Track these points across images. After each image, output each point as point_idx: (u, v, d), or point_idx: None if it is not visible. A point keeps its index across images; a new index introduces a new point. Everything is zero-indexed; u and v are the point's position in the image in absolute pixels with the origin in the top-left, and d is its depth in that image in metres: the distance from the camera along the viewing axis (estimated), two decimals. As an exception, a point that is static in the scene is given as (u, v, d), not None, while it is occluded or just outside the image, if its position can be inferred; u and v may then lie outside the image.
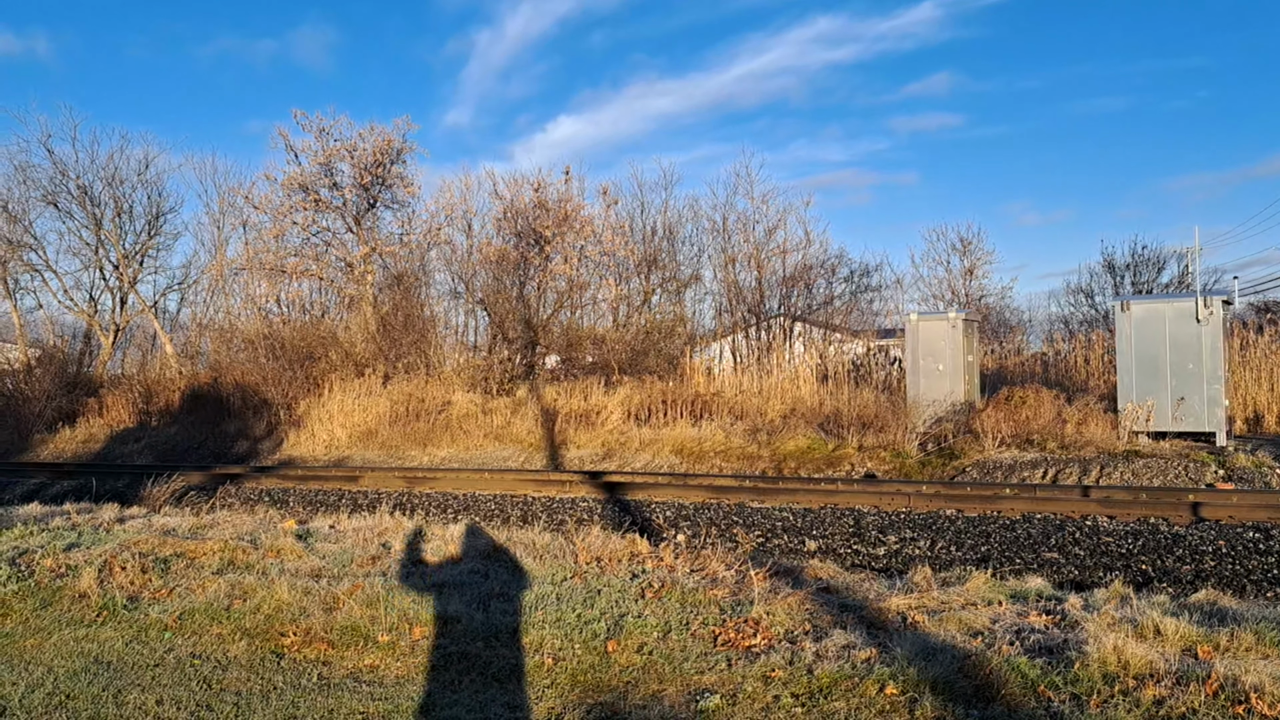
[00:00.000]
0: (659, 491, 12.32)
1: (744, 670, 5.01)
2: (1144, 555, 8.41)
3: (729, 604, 5.96)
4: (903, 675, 4.60)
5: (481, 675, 5.25)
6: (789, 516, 10.60)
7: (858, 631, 5.33)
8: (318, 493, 13.48)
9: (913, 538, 9.57)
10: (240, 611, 6.35)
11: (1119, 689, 4.20)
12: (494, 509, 11.92)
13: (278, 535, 8.24)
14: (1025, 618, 5.37)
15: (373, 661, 5.58)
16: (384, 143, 26.30)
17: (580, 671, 5.25)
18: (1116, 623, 5.01)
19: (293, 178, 26.55)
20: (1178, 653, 4.58)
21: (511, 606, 6.05)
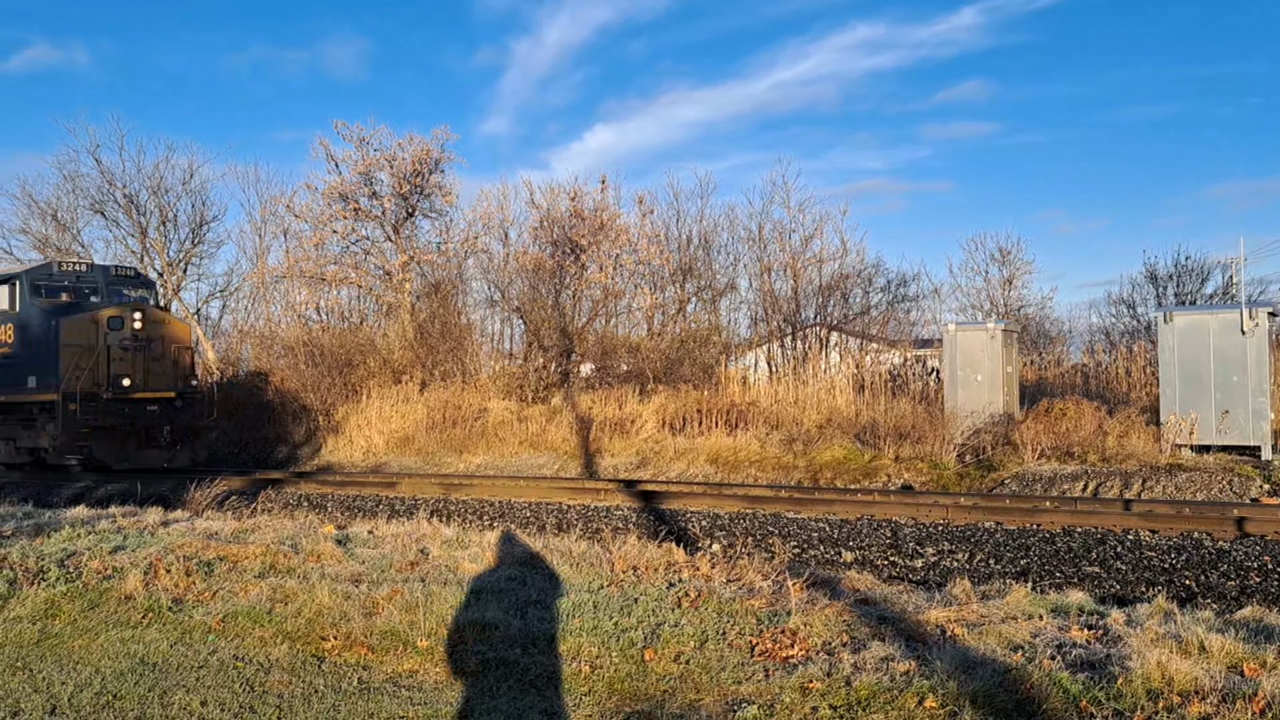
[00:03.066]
0: (694, 501, 12.32)
1: (781, 681, 5.00)
2: (1187, 570, 8.28)
3: (766, 614, 5.95)
4: (942, 688, 4.57)
5: (519, 682, 5.28)
6: (825, 527, 10.55)
7: (896, 644, 5.29)
8: (356, 498, 13.62)
9: (951, 550, 9.49)
10: (282, 615, 6.44)
11: (1163, 706, 4.14)
12: (529, 516, 11.98)
13: (318, 540, 8.34)
14: (1066, 632, 5.31)
15: (412, 666, 5.64)
16: (423, 152, 26.57)
17: (617, 680, 5.27)
18: (1160, 638, 4.94)
19: (333, 187, 26.90)
20: (1223, 670, 4.51)
21: (549, 614, 6.08)
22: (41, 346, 17.72)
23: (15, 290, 18.20)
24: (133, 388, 17.96)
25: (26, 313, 18.09)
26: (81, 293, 18.56)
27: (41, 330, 17.82)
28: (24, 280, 18.19)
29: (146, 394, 18.30)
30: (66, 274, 18.71)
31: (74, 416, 17.19)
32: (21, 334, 18.08)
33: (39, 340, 17.79)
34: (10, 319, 18.34)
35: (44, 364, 17.61)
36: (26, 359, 17.95)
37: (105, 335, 17.77)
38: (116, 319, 17.99)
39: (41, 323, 17.87)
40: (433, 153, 26.75)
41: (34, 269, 18.67)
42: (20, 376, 18.02)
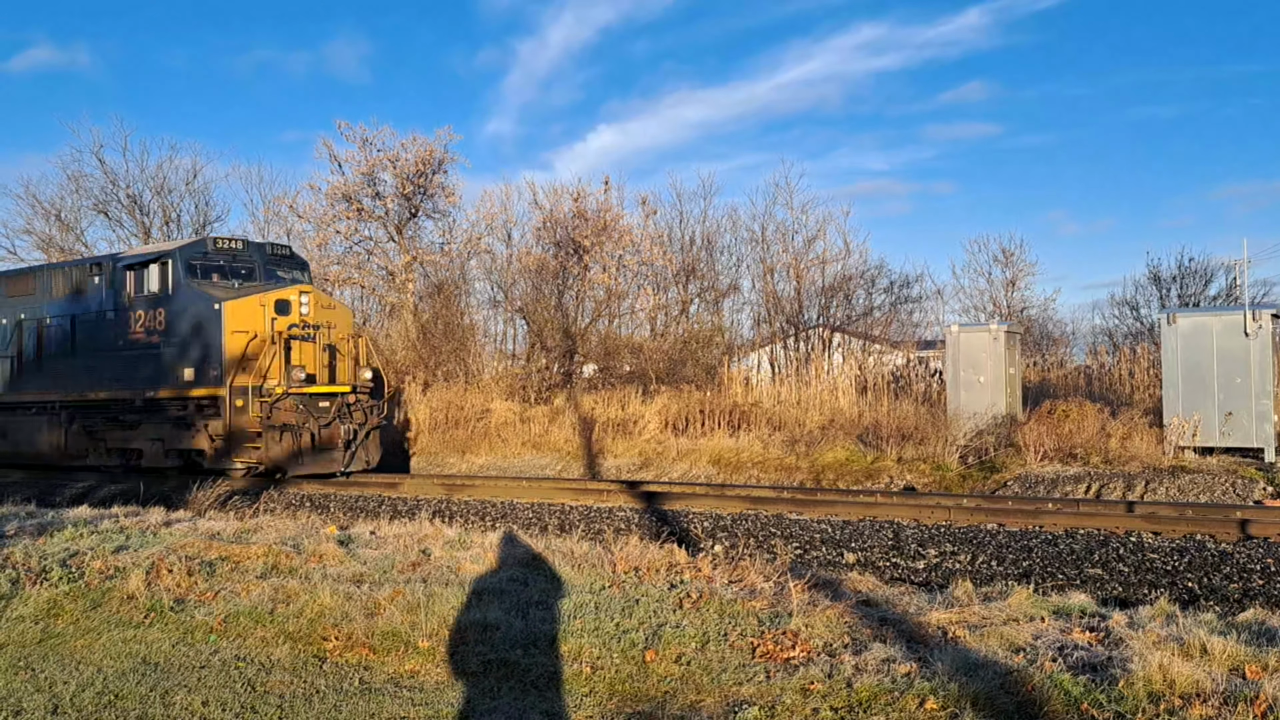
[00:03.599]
0: (696, 502, 12.32)
1: (782, 682, 5.00)
2: (1190, 573, 8.27)
3: (767, 615, 5.95)
4: (943, 690, 4.56)
5: (520, 682, 5.28)
6: (827, 528, 10.54)
7: (897, 645, 5.29)
8: (359, 498, 13.64)
9: (953, 551, 9.48)
10: (284, 615, 6.45)
11: (1164, 708, 4.14)
12: (532, 517, 11.98)
13: (320, 540, 8.36)
14: (1068, 634, 5.31)
15: (413, 667, 5.64)
16: (426, 153, 26.60)
17: (618, 681, 5.27)
18: (1162, 641, 4.94)
19: (336, 187, 26.94)
20: (1225, 672, 4.50)
21: (550, 614, 6.09)
22: (199, 334, 15.61)
23: (168, 270, 16.01)
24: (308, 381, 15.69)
25: (181, 295, 15.90)
26: (237, 273, 16.46)
27: (200, 315, 15.64)
28: (177, 259, 15.96)
29: (321, 388, 16.03)
30: (222, 251, 16.50)
31: (241, 414, 15.18)
32: (174, 320, 15.95)
33: (197, 327, 15.65)
34: (160, 303, 16.18)
35: (203, 354, 15.56)
36: (180, 348, 15.87)
37: (273, 321, 15.60)
38: (283, 303, 15.84)
39: (200, 307, 15.65)
40: (436, 153, 26.79)
41: (187, 246, 16.40)
42: (172, 368, 15.94)
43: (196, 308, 15.79)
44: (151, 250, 17.25)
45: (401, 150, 26.82)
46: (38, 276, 18.73)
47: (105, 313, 17.01)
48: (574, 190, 27.42)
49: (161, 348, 16.11)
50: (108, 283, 17.03)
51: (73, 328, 17.42)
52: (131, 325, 16.51)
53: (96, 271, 17.38)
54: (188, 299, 15.88)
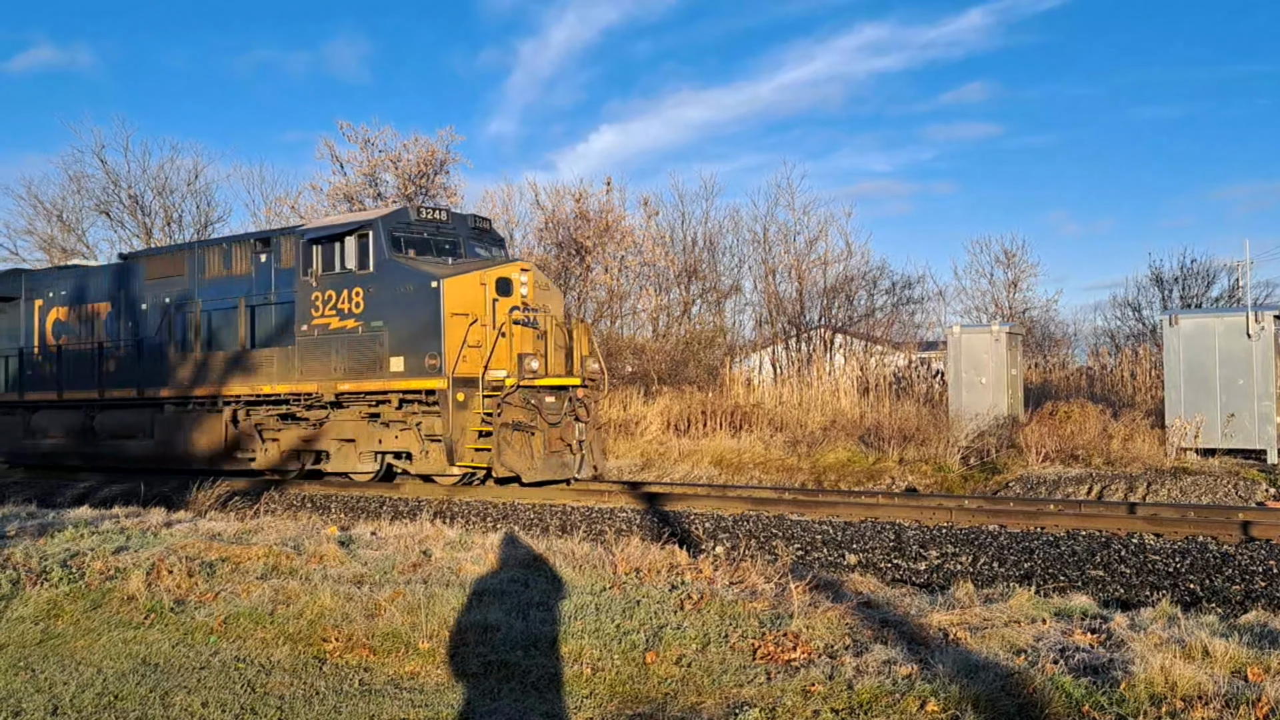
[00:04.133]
0: (698, 503, 12.31)
1: (783, 684, 4.99)
2: (1192, 574, 8.25)
3: (768, 617, 5.94)
4: (944, 692, 4.55)
5: (520, 684, 5.28)
6: (829, 530, 10.53)
7: (898, 647, 5.28)
8: (359, 499, 13.63)
9: (954, 553, 9.47)
10: (284, 616, 6.45)
11: (1166, 711, 4.12)
12: (533, 518, 11.98)
13: (320, 541, 8.36)
14: (1070, 636, 5.29)
15: (413, 668, 5.64)
16: (428, 153, 26.61)
17: (619, 682, 5.26)
18: (1164, 643, 4.92)
19: (338, 188, 26.97)
20: (1227, 675, 4.49)
21: (551, 616, 6.08)
22: (411, 317, 13.46)
23: (368, 243, 13.86)
24: (538, 373, 13.56)
25: (386, 272, 13.73)
26: (441, 247, 14.37)
27: (413, 296, 13.48)
28: (380, 230, 13.81)
29: (552, 380, 13.83)
30: (425, 222, 14.41)
31: (463, 411, 13.10)
32: (377, 300, 13.76)
33: (408, 308, 13.48)
34: (357, 281, 13.96)
35: (416, 340, 13.39)
36: (383, 334, 13.68)
37: (494, 303, 13.48)
38: (505, 282, 13.75)
39: (413, 286, 13.52)
40: (437, 153, 26.80)
41: (390, 215, 14.16)
42: (372, 357, 13.81)
43: (407, 286, 13.52)
44: (343, 221, 14.72)
45: (403, 151, 26.87)
46: (187, 256, 16.49)
47: (279, 294, 14.93)
48: (576, 191, 27.46)
49: (358, 334, 13.89)
50: (283, 260, 14.91)
51: (237, 312, 15.30)
52: (318, 308, 14.30)
53: (264, 248, 15.30)
54: (395, 276, 13.62)
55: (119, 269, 17.84)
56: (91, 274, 18.30)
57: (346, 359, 14.04)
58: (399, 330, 13.59)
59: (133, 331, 16.92)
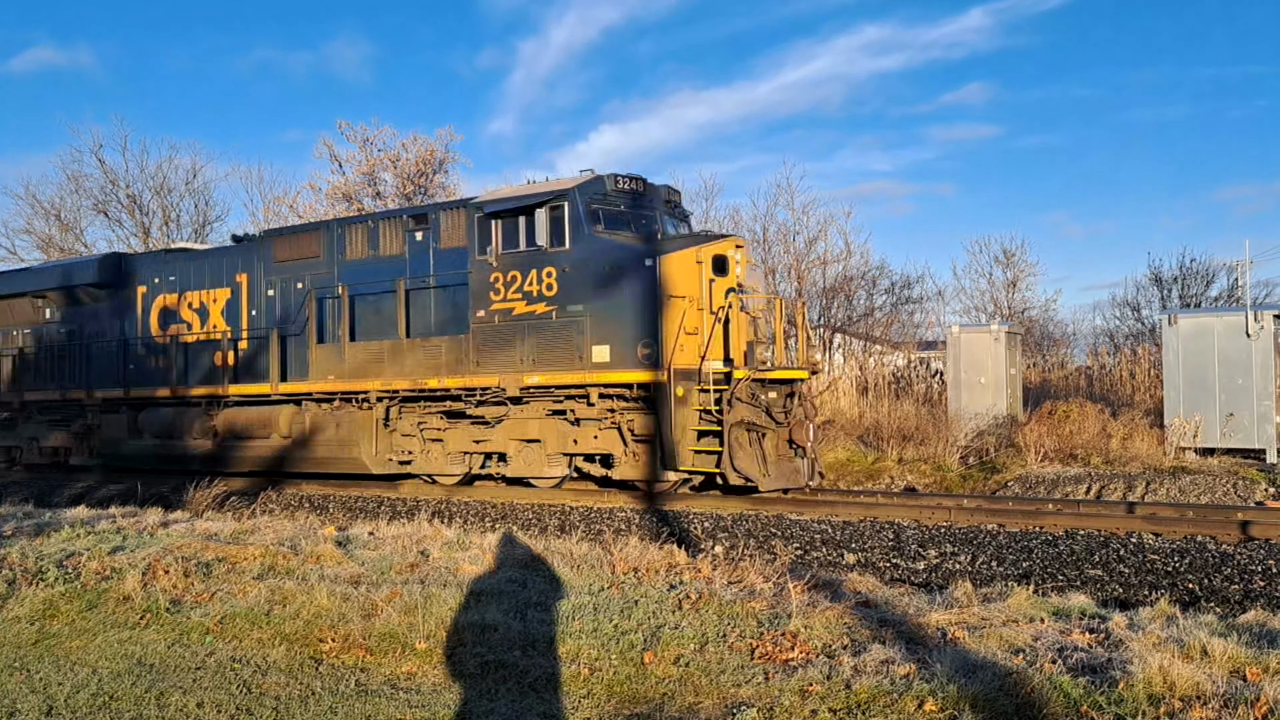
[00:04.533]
0: (696, 502, 12.28)
1: (781, 684, 4.98)
2: (1191, 574, 8.24)
3: (766, 616, 5.93)
4: (942, 692, 4.54)
5: (518, 684, 5.26)
6: (828, 529, 10.51)
7: (896, 646, 5.27)
8: (358, 499, 13.61)
9: (953, 552, 9.45)
10: (280, 616, 6.43)
11: (1164, 711, 4.11)
12: (532, 518, 11.96)
13: (318, 541, 8.34)
14: (1068, 635, 5.28)
15: (410, 668, 5.62)
16: (427, 153, 26.62)
17: (616, 682, 5.25)
18: (1162, 642, 4.91)
19: (336, 187, 26.97)
20: (1225, 674, 4.48)
21: (548, 616, 6.06)
22: (619, 299, 11.83)
23: (563, 215, 12.24)
24: (768, 364, 12.04)
25: (587, 249, 12.12)
26: (638, 222, 12.69)
27: (622, 275, 11.88)
28: (578, 200, 12.19)
29: (783, 373, 12.20)
30: (622, 194, 12.68)
31: (683, 407, 11.45)
32: (575, 280, 12.13)
33: (615, 289, 11.87)
34: (551, 259, 12.32)
35: (627, 325, 11.77)
36: (586, 318, 12.05)
37: (711, 284, 11.86)
38: (720, 260, 12.04)
39: (622, 263, 11.91)
40: (437, 153, 26.81)
41: (586, 185, 12.44)
42: (569, 346, 12.16)
43: (614, 264, 11.95)
44: (530, 192, 12.80)
45: (402, 150, 26.88)
46: (324, 236, 14.80)
47: (441, 276, 13.41)
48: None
49: (551, 319, 12.28)
50: (443, 238, 13.41)
51: (390, 298, 13.75)
52: (498, 291, 12.66)
53: (419, 225, 13.75)
54: (598, 253, 12.02)
55: (239, 251, 16.11)
56: (205, 257, 16.67)
57: (535, 348, 12.39)
58: (603, 315, 11.94)
59: (258, 320, 15.27)
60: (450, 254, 13.33)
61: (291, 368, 14.74)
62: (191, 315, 16.31)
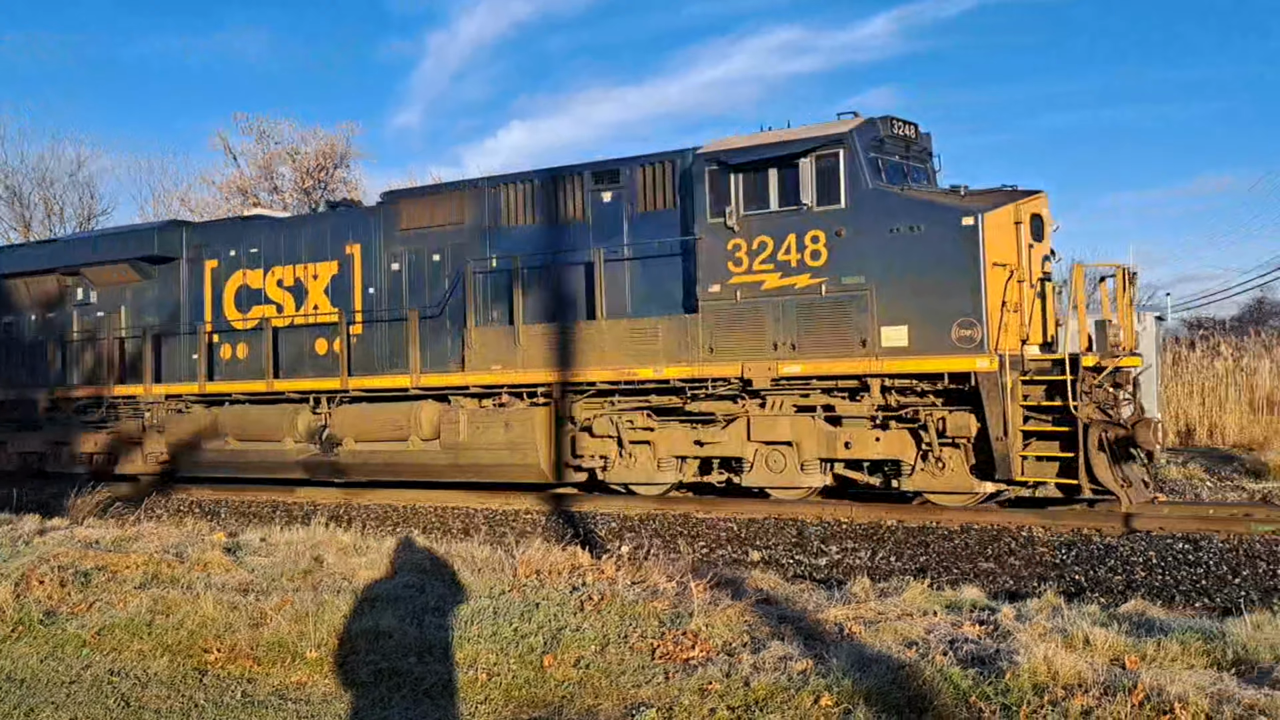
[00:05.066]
0: (603, 503, 12.23)
1: (681, 683, 4.97)
2: (1077, 565, 8.54)
3: (669, 616, 5.92)
4: (838, 686, 4.59)
5: (413, 691, 5.14)
6: (734, 527, 10.58)
7: (795, 643, 5.32)
8: (251, 504, 13.16)
9: (854, 548, 9.62)
10: (163, 627, 6.18)
11: (1048, 699, 4.23)
12: (435, 521, 11.74)
13: (206, 548, 8.04)
14: (959, 628, 5.40)
15: (300, 678, 5.45)
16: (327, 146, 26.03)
17: (515, 686, 5.17)
18: (1047, 633, 5.06)
19: (231, 181, 26.15)
20: (1106, 663, 4.63)
21: (446, 621, 5.94)
22: (923, 269, 9.72)
23: (840, 166, 10.16)
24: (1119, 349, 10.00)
25: (871, 206, 10.03)
26: (911, 173, 10.77)
27: (924, 239, 9.76)
28: (856, 147, 10.11)
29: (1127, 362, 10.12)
30: (897, 140, 10.69)
31: (1014, 401, 9.53)
32: (855, 246, 10.04)
33: (917, 257, 9.76)
34: (818, 220, 10.22)
35: (935, 301, 9.72)
36: (872, 292, 10.00)
37: (1030, 249, 10.03)
38: (1037, 220, 10.29)
39: (924, 225, 9.82)
40: (338, 147, 26.20)
41: (863, 128, 10.34)
42: (850, 325, 10.11)
43: (912, 226, 9.85)
44: (785, 138, 10.56)
45: (301, 143, 26.21)
46: (471, 198, 12.55)
47: (641, 246, 11.34)
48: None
49: (819, 294, 10.18)
50: (642, 199, 11.42)
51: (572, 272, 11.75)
52: (739, 260, 10.54)
53: (607, 184, 11.64)
54: (889, 212, 9.97)
55: (347, 219, 13.80)
56: (299, 226, 14.27)
57: (794, 330, 10.31)
58: (897, 288, 9.87)
59: (377, 299, 13.01)
60: (653, 218, 11.29)
61: (428, 356, 12.43)
62: (282, 294, 13.73)
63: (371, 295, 13.06)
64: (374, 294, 13.04)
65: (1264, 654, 4.64)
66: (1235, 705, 4.01)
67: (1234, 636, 4.90)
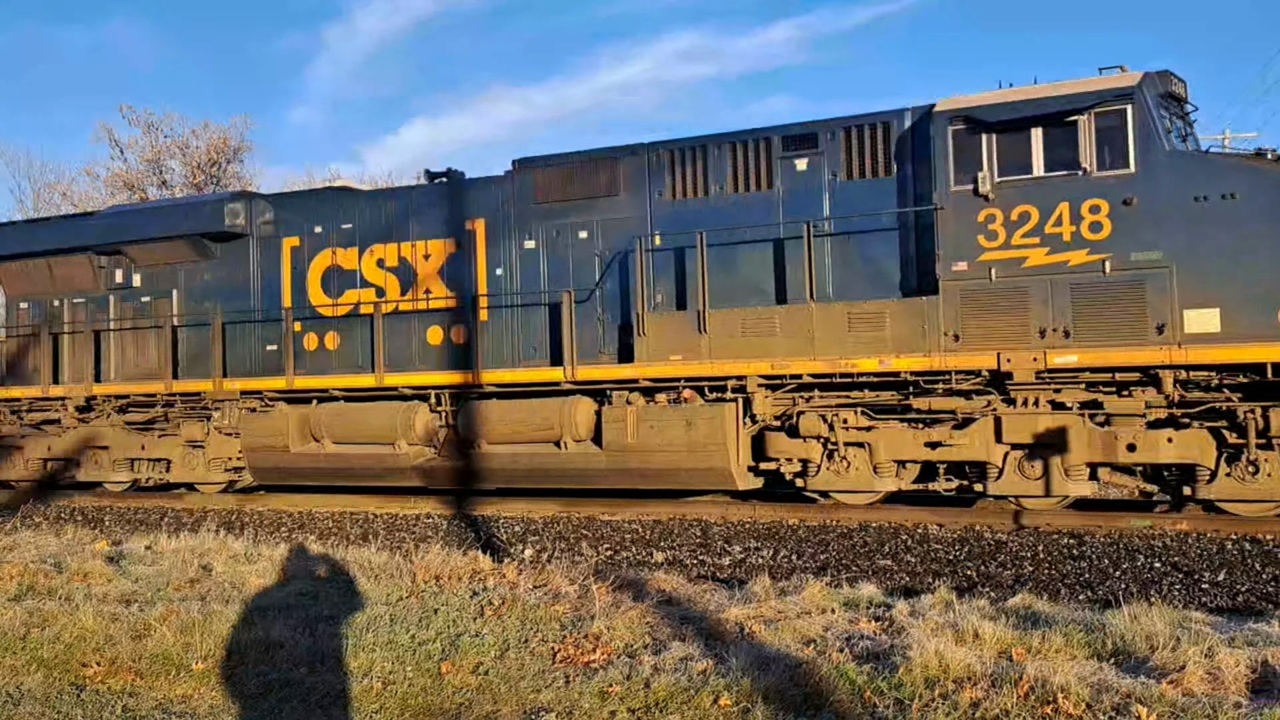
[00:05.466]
0: (507, 505, 12.11)
1: (581, 687, 4.94)
2: (969, 561, 8.79)
3: (570, 620, 5.89)
4: (737, 686, 4.62)
5: (304, 702, 4.98)
6: (639, 528, 10.59)
7: (696, 643, 5.34)
8: (137, 511, 12.62)
9: (757, 547, 9.72)
10: (38, 640, 5.89)
11: (939, 693, 4.33)
12: (331, 526, 11.45)
13: (86, 558, 7.69)
14: (856, 624, 5.51)
15: (185, 691, 5.23)
16: (220, 141, 25.15)
17: (411, 695, 5.06)
18: (940, 628, 5.19)
19: (118, 174, 25.06)
20: (994, 656, 4.78)
21: (340, 629, 5.79)
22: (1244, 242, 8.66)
23: (1129, 121, 9.10)
24: None
25: (1169, 171, 8.98)
26: (1184, 136, 9.69)
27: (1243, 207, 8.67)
28: (1145, 101, 9.11)
29: None
30: (1175, 99, 9.68)
31: None
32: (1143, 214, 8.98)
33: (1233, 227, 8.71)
34: (1098, 187, 9.16)
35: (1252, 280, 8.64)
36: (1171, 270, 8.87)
37: None
38: None
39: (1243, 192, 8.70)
40: (231, 141, 25.36)
41: (1149, 78, 9.30)
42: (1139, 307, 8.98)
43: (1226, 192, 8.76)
44: (1050, 93, 9.48)
45: (192, 137, 25.27)
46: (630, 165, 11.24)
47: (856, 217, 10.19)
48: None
49: (1102, 271, 9.07)
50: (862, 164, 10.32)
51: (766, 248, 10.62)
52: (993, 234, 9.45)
53: (803, 148, 10.57)
54: (1197, 176, 8.91)
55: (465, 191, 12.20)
56: (401, 199, 12.69)
57: (1068, 314, 9.17)
58: (1205, 265, 8.75)
59: (504, 282, 11.67)
60: (862, 187, 10.23)
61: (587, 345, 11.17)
62: (382, 276, 12.28)
63: (499, 277, 11.71)
64: (502, 275, 11.69)
65: (1141, 645, 4.84)
66: (1114, 694, 4.18)
67: (1113, 628, 5.10)
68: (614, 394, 11.02)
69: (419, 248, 12.13)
